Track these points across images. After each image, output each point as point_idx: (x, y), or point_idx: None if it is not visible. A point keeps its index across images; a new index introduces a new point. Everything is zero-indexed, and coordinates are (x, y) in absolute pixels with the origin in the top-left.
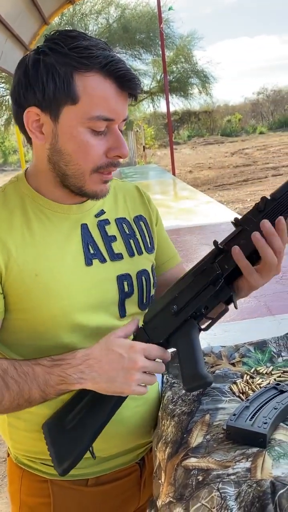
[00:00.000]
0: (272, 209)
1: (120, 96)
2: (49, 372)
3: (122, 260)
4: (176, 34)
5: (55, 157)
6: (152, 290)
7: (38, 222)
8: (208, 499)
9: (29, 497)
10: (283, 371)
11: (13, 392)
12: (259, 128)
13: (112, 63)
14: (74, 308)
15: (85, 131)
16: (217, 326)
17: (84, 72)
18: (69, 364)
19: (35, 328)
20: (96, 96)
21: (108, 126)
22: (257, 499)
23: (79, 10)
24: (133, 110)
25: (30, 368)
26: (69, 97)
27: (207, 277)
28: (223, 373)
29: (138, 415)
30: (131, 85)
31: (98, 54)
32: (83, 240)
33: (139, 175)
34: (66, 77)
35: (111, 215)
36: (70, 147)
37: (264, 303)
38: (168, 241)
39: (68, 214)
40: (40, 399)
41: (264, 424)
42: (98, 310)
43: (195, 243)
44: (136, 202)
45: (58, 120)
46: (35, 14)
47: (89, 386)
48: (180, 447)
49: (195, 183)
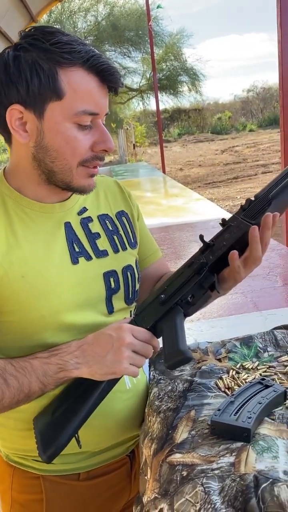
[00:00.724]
0: (252, 207)
1: (102, 90)
2: (47, 362)
3: (107, 256)
4: (165, 32)
5: (41, 155)
6: (137, 285)
7: (21, 223)
8: (192, 494)
9: (21, 494)
10: (268, 366)
11: (13, 389)
12: (249, 125)
13: (94, 58)
14: (62, 307)
15: (72, 126)
16: (204, 322)
17: (68, 67)
18: (65, 351)
19: (24, 329)
20: (81, 91)
21: (93, 120)
22: (240, 493)
23: (68, 7)
24: (123, 108)
25: (27, 362)
26: (54, 92)
27: (193, 267)
28: (209, 369)
29: (127, 408)
30: (113, 79)
31: (80, 49)
32: (68, 238)
33: (129, 173)
34: (51, 73)
35: (93, 212)
36: (57, 143)
37: (251, 299)
38: (149, 236)
39: (51, 213)
40: (40, 392)
41: (249, 418)
42: (86, 308)
43: (184, 240)
44: (117, 198)
45: (43, 117)
46: (22, 11)
47: (84, 371)
48: (165, 443)
49: (186, 181)
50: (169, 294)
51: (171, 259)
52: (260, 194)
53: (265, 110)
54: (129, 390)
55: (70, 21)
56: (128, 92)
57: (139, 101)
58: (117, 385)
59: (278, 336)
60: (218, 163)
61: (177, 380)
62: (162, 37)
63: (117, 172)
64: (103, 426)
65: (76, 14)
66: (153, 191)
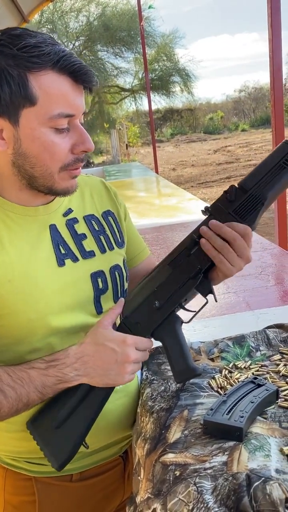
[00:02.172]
0: (243, 202)
1: (76, 90)
2: (45, 374)
3: (94, 257)
4: (157, 32)
5: (20, 161)
6: (125, 284)
7: (5, 227)
8: (185, 494)
9: (14, 496)
10: (261, 365)
11: (11, 399)
12: (241, 125)
13: (65, 58)
14: (50, 310)
15: (48, 131)
16: (197, 322)
17: (38, 72)
18: (64, 363)
19: (12, 333)
20: (54, 94)
21: (70, 122)
22: (232, 492)
23: (59, 7)
24: (116, 109)
25: (24, 373)
26: (26, 99)
27: (187, 272)
28: (201, 369)
29: (120, 408)
30: (86, 78)
31: (49, 51)
32: (53, 241)
33: (122, 173)
34: (20, 79)
35: (79, 213)
36: (34, 150)
37: (243, 299)
38: (137, 235)
39: (35, 216)
40: (39, 400)
41: (241, 418)
42: (74, 310)
43: (177, 240)
44: (103, 198)
45: (18, 124)
46: (13, 11)
47: (84, 381)
48: (158, 443)
49: (179, 181)
50: (164, 300)
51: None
52: (250, 187)
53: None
54: (119, 390)
55: (62, 21)
56: (121, 92)
57: (131, 101)
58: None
59: (270, 335)
60: (211, 163)
61: (170, 380)
62: (154, 37)
63: (110, 172)
64: (95, 426)
65: (68, 14)
66: (146, 191)
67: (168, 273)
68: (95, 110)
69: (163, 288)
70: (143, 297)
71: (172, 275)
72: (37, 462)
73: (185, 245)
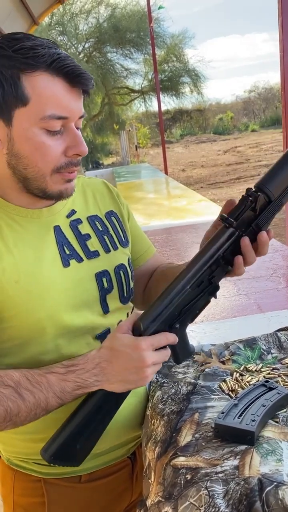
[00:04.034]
0: (267, 211)
1: (72, 93)
2: (64, 379)
3: (98, 257)
4: (167, 33)
5: (13, 162)
6: (131, 283)
7: (10, 229)
8: (196, 498)
9: (23, 498)
10: (272, 368)
11: (29, 403)
12: (251, 125)
13: (59, 60)
14: (57, 309)
15: (40, 132)
16: (208, 324)
17: (31, 73)
18: (83, 369)
19: (22, 334)
20: (46, 95)
21: (64, 125)
22: (244, 497)
23: (69, 9)
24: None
25: (43, 377)
26: (18, 99)
27: (207, 290)
28: (212, 371)
29: (127, 408)
30: (81, 80)
31: (44, 53)
32: (58, 242)
33: (131, 174)
34: (13, 80)
35: (83, 214)
36: (26, 150)
37: (254, 301)
38: (142, 234)
39: (39, 218)
40: (57, 406)
41: (252, 421)
42: (81, 309)
43: (187, 242)
44: (105, 198)
45: (12, 124)
46: (24, 14)
47: (105, 387)
48: (169, 446)
49: (188, 182)
50: (183, 319)
51: (173, 261)
52: (275, 197)
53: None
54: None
55: (72, 23)
56: (130, 93)
57: (141, 103)
58: None
59: (281, 338)
60: (221, 164)
61: (181, 383)
62: (163, 38)
63: (119, 174)
64: None
65: (78, 16)
66: (155, 192)
67: (190, 294)
68: (105, 112)
69: (182, 309)
70: (163, 316)
71: (192, 294)
72: (46, 464)
73: (207, 264)
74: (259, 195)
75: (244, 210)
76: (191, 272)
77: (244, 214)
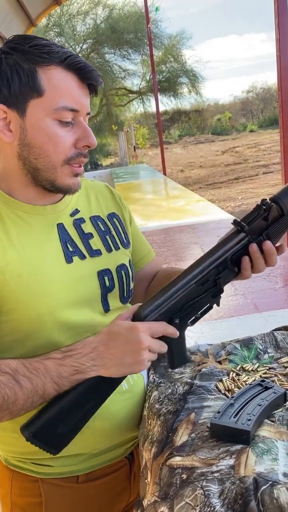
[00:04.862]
0: (278, 224)
1: (82, 89)
2: (62, 364)
3: (101, 256)
4: (165, 34)
5: (25, 152)
6: (131, 284)
7: (14, 225)
8: (192, 497)
9: (20, 498)
10: (268, 367)
11: (26, 390)
12: (250, 126)
13: (72, 57)
14: (59, 304)
15: (53, 123)
16: (205, 324)
17: (47, 66)
18: (80, 353)
19: (23, 328)
20: (60, 87)
21: (74, 118)
22: (240, 496)
23: (67, 11)
24: (124, 111)
25: (40, 363)
26: (34, 90)
27: (211, 291)
28: (209, 371)
29: (125, 409)
30: (91, 76)
31: (58, 50)
32: (61, 239)
33: (130, 175)
34: (30, 72)
35: (86, 214)
36: (39, 140)
37: (251, 301)
38: (142, 239)
39: (43, 215)
40: (55, 393)
41: (248, 421)
42: (82, 306)
43: (185, 242)
44: (108, 200)
45: (25, 115)
46: (21, 15)
47: (101, 372)
48: (165, 446)
49: (187, 182)
50: (183, 315)
51: (171, 261)
52: (286, 205)
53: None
54: (125, 391)
55: (69, 24)
56: (128, 94)
57: (139, 103)
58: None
59: (278, 338)
60: (219, 164)
61: (177, 383)
62: (161, 39)
63: (117, 175)
64: (101, 427)
65: (75, 17)
66: (153, 193)
67: (193, 291)
68: (103, 113)
69: (184, 304)
70: (165, 307)
71: (196, 292)
72: (43, 464)
73: (215, 263)
74: (272, 205)
75: (256, 217)
76: (198, 268)
77: (256, 221)
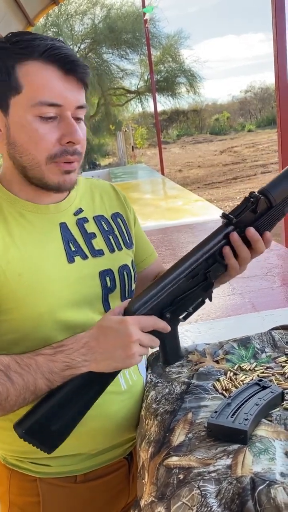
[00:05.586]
0: (268, 216)
1: (67, 81)
2: (52, 359)
3: (103, 256)
4: (163, 33)
5: (12, 150)
6: (133, 285)
7: (17, 224)
8: (188, 498)
9: (18, 497)
10: (266, 367)
11: (18, 386)
12: (248, 126)
13: (52, 49)
14: (59, 304)
15: (34, 119)
16: (202, 324)
17: (24, 61)
18: (71, 348)
19: (23, 327)
20: (37, 82)
21: (60, 113)
22: (237, 496)
23: (64, 10)
24: (122, 110)
25: (32, 360)
26: (12, 87)
27: (201, 285)
28: (206, 371)
29: (124, 409)
30: (74, 67)
31: (38, 44)
32: (63, 238)
33: (128, 175)
34: (6, 69)
35: (89, 213)
36: (21, 137)
37: (248, 300)
38: (146, 239)
39: (46, 214)
40: (46, 388)
41: (245, 420)
42: (83, 307)
43: (182, 242)
44: (112, 200)
45: (8, 113)
46: (19, 15)
47: (93, 368)
48: (162, 446)
49: (185, 182)
50: (174, 309)
51: (169, 261)
52: (277, 202)
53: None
54: (124, 391)
55: (67, 24)
56: (126, 94)
57: (137, 103)
58: (113, 387)
59: (275, 337)
60: (217, 164)
61: (175, 382)
62: (159, 38)
63: (116, 174)
64: (99, 427)
65: (73, 17)
66: (152, 193)
67: (183, 284)
68: (101, 113)
69: (175, 298)
70: (154, 302)
71: (186, 285)
72: (41, 463)
73: (203, 257)
74: (260, 198)
75: (244, 210)
76: (187, 262)
77: (244, 214)
